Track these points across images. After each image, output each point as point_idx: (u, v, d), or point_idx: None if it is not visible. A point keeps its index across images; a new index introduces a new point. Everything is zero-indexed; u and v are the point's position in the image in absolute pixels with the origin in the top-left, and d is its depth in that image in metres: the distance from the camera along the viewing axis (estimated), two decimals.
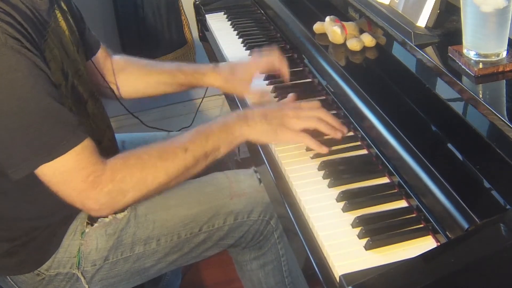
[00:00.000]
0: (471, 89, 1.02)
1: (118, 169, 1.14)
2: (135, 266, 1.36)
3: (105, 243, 1.30)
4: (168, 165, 1.17)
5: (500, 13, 1.00)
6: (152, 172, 1.16)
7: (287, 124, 1.21)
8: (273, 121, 1.22)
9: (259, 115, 1.23)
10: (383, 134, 1.09)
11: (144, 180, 1.16)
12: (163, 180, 1.18)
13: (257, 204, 1.40)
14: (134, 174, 1.15)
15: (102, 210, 1.18)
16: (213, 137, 1.20)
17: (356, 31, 1.41)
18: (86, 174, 1.11)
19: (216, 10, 1.99)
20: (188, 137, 1.20)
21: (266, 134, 1.22)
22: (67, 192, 1.14)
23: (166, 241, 1.35)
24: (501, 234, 0.84)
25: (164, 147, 1.19)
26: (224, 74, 1.49)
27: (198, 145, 1.19)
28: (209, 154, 1.21)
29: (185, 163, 1.18)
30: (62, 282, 1.32)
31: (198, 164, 1.20)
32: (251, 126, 1.22)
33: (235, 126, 1.22)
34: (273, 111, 1.24)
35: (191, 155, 1.18)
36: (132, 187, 1.15)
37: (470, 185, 0.92)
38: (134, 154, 1.17)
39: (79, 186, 1.12)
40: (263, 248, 1.48)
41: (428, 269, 0.84)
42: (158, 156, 1.17)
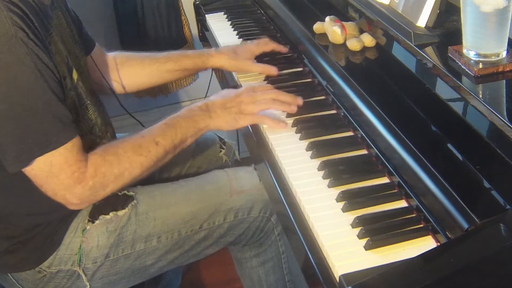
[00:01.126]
0: (471, 89, 1.02)
1: (99, 165, 1.18)
2: (136, 264, 1.36)
3: (106, 240, 1.31)
4: (142, 159, 1.23)
5: (500, 13, 1.00)
6: (128, 167, 1.22)
7: (244, 111, 1.31)
8: (232, 110, 1.31)
9: (219, 105, 1.32)
10: (383, 134, 1.09)
11: (121, 174, 1.21)
12: (137, 173, 1.24)
13: (257, 201, 1.41)
14: (113, 170, 1.20)
15: (83, 203, 1.21)
16: (181, 130, 1.28)
17: (356, 31, 1.41)
18: (72, 171, 1.15)
19: (216, 10, 1.99)
20: (158, 131, 1.27)
21: (227, 123, 1.32)
22: (52, 187, 1.16)
23: (167, 239, 1.36)
24: (501, 234, 0.84)
25: (137, 142, 1.24)
26: (228, 54, 1.56)
27: (168, 138, 1.26)
28: (177, 146, 1.28)
29: (157, 156, 1.25)
30: (63, 279, 1.32)
31: (167, 155, 1.28)
32: (213, 117, 1.31)
33: (200, 118, 1.30)
34: (230, 100, 1.33)
35: (162, 148, 1.25)
36: (111, 181, 1.20)
37: (470, 185, 0.92)
38: (111, 150, 1.22)
39: (65, 181, 1.15)
40: (263, 245, 1.48)
41: (428, 269, 0.84)
42: (133, 151, 1.22)
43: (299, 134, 1.27)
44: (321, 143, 1.22)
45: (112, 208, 1.32)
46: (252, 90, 1.34)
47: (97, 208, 1.32)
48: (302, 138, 1.26)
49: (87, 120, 1.31)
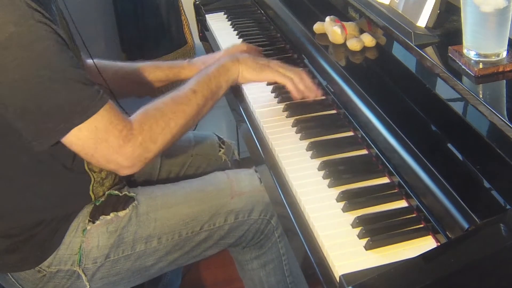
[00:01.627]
0: (471, 89, 1.02)
1: (143, 120, 1.19)
2: (136, 265, 1.36)
3: (106, 240, 1.31)
4: (184, 108, 1.25)
5: (500, 13, 1.00)
6: (173, 116, 1.23)
7: (272, 66, 1.39)
8: (259, 61, 1.39)
9: (248, 55, 1.41)
10: (383, 134, 1.09)
11: (167, 125, 1.21)
12: (183, 121, 1.24)
13: (257, 203, 1.41)
14: (158, 122, 1.20)
15: (136, 165, 1.19)
16: (214, 76, 1.32)
17: (356, 31, 1.41)
18: (118, 130, 1.14)
19: (216, 10, 1.99)
20: (194, 81, 1.30)
21: (254, 71, 1.37)
22: (103, 153, 1.15)
23: (167, 240, 1.36)
24: (501, 234, 0.84)
25: (176, 94, 1.27)
26: (198, 65, 1.56)
27: (204, 86, 1.30)
28: (215, 93, 1.32)
29: (197, 103, 1.27)
30: (63, 279, 1.32)
31: (207, 102, 1.30)
32: (242, 63, 1.37)
33: (229, 64, 1.36)
34: (261, 58, 1.42)
35: (200, 95, 1.28)
36: (159, 134, 1.20)
37: (470, 185, 0.92)
38: (151, 106, 1.23)
39: (115, 143, 1.14)
40: (263, 247, 1.49)
41: (428, 269, 0.84)
42: (173, 102, 1.25)
43: (299, 134, 1.27)
44: (321, 143, 1.22)
45: (112, 209, 1.33)
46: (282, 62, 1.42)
47: (97, 208, 1.32)
48: (302, 138, 1.26)
49: None
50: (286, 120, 1.33)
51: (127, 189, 1.37)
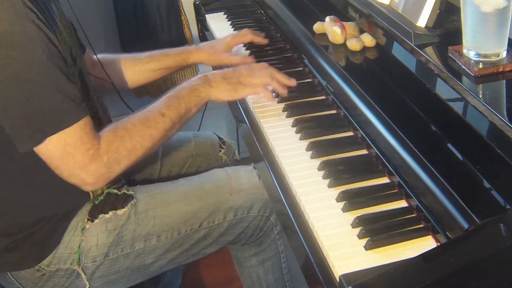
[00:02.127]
0: (471, 89, 1.02)
1: (111, 141, 1.20)
2: (136, 263, 1.36)
3: (105, 239, 1.31)
4: (152, 131, 1.25)
5: (500, 13, 1.00)
6: (140, 139, 1.24)
7: (243, 82, 1.37)
8: (231, 80, 1.37)
9: (218, 76, 1.37)
10: (383, 134, 1.09)
11: (134, 148, 1.23)
12: (149, 145, 1.25)
13: (256, 200, 1.41)
14: (125, 144, 1.21)
15: (99, 182, 1.21)
16: (184, 100, 1.31)
17: (356, 31, 1.41)
18: (86, 148, 1.16)
19: (216, 10, 1.99)
20: (163, 103, 1.30)
21: (227, 93, 1.36)
22: (68, 166, 1.16)
23: (167, 237, 1.36)
24: (501, 234, 0.84)
25: (145, 115, 1.27)
26: (207, 50, 1.61)
27: (173, 109, 1.29)
28: (183, 116, 1.31)
29: (164, 127, 1.27)
30: (62, 278, 1.32)
31: (175, 126, 1.30)
32: (213, 87, 1.35)
33: (201, 88, 1.34)
34: (230, 72, 1.39)
35: (169, 119, 1.28)
36: (124, 156, 1.21)
37: (470, 185, 0.92)
38: (120, 125, 1.24)
39: (80, 159, 1.16)
40: (262, 244, 1.49)
41: (428, 269, 0.84)
42: (142, 125, 1.25)
43: (299, 134, 1.27)
44: (321, 143, 1.22)
45: (111, 207, 1.33)
46: (250, 67, 1.42)
47: (96, 207, 1.32)
48: (302, 138, 1.26)
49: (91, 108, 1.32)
50: (286, 120, 1.33)
51: (126, 187, 1.38)
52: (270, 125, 1.33)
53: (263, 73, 1.39)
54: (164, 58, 1.61)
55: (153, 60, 1.60)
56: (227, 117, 2.46)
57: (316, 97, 1.40)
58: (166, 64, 1.61)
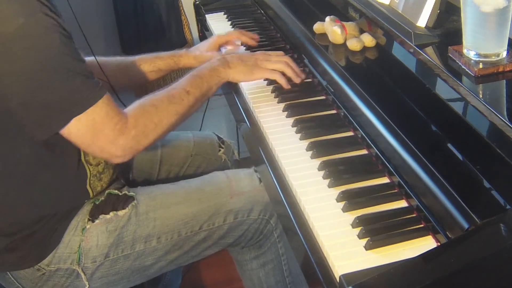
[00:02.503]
0: (471, 89, 1.02)
1: (139, 116, 1.25)
2: (136, 264, 1.36)
3: (105, 240, 1.31)
4: (177, 107, 1.31)
5: (500, 13, 1.00)
6: (166, 114, 1.29)
7: (260, 65, 1.45)
8: (248, 63, 1.45)
9: (237, 58, 1.46)
10: (383, 134, 1.09)
11: (160, 122, 1.27)
12: (174, 120, 1.30)
13: (257, 203, 1.41)
14: (152, 118, 1.26)
15: (127, 155, 1.25)
16: (206, 79, 1.39)
17: (356, 31, 1.41)
18: (114, 123, 1.20)
19: (216, 10, 1.99)
20: (187, 82, 1.37)
21: (244, 74, 1.44)
22: (99, 143, 1.20)
23: (167, 239, 1.36)
24: (501, 234, 0.84)
25: (171, 93, 1.33)
26: (194, 53, 1.67)
27: (197, 87, 1.36)
28: (205, 94, 1.38)
29: (188, 103, 1.33)
30: (62, 278, 1.32)
31: (197, 103, 1.37)
32: (232, 67, 1.43)
33: (220, 68, 1.42)
34: (247, 56, 1.48)
35: (192, 96, 1.34)
36: (152, 129, 1.26)
37: (470, 185, 0.92)
38: (148, 101, 1.29)
39: (110, 134, 1.19)
40: (262, 247, 1.49)
41: (428, 269, 0.84)
42: (168, 101, 1.30)
43: (299, 134, 1.27)
44: (321, 143, 1.22)
45: (112, 208, 1.33)
46: (267, 53, 1.50)
47: (97, 207, 1.33)
48: (302, 138, 1.26)
49: None
50: (286, 120, 1.33)
51: (126, 188, 1.38)
52: (270, 125, 1.33)
53: (279, 59, 1.46)
54: (156, 60, 1.65)
55: (145, 63, 1.64)
56: (227, 117, 2.46)
57: (316, 97, 1.40)
58: (158, 66, 1.65)
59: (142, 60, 1.64)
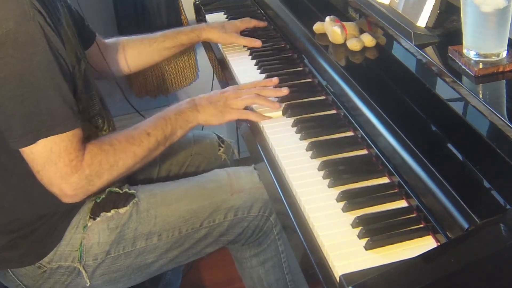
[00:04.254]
0: (471, 89, 1.02)
1: (95, 154, 1.20)
2: (137, 262, 1.37)
3: (107, 237, 1.32)
4: (135, 149, 1.26)
5: (500, 13, 1.00)
6: (123, 156, 1.24)
7: (230, 105, 1.37)
8: (218, 104, 1.37)
9: (205, 100, 1.38)
10: (383, 134, 1.09)
11: (116, 163, 1.23)
12: (131, 163, 1.26)
13: (256, 200, 1.41)
14: (108, 159, 1.22)
15: (77, 195, 1.21)
16: (170, 121, 1.32)
17: (356, 31, 1.41)
18: (70, 159, 1.16)
19: (216, 10, 1.99)
20: (150, 123, 1.31)
21: (214, 117, 1.37)
22: (49, 174, 1.17)
23: (168, 236, 1.36)
24: (501, 234, 0.84)
25: (131, 133, 1.28)
26: (218, 27, 1.69)
27: (159, 130, 1.30)
28: (168, 138, 1.32)
29: (149, 147, 1.28)
30: (63, 275, 1.33)
31: (159, 146, 1.31)
32: (200, 111, 1.36)
33: (188, 112, 1.35)
34: (216, 96, 1.39)
35: (154, 139, 1.29)
36: (106, 170, 1.22)
37: (470, 185, 0.92)
38: (106, 140, 1.25)
39: (62, 169, 1.16)
40: (262, 244, 1.49)
41: (428, 269, 0.84)
42: (126, 142, 1.26)
43: (299, 134, 1.27)
44: (321, 143, 1.22)
45: (113, 206, 1.33)
46: (238, 88, 1.42)
47: (98, 205, 1.33)
48: (302, 138, 1.26)
49: (92, 108, 1.33)
50: (286, 120, 1.33)
51: (127, 186, 1.38)
52: (270, 125, 1.33)
53: (249, 92, 1.38)
54: (178, 35, 1.67)
55: (168, 38, 1.66)
56: None
57: (316, 97, 1.40)
58: (181, 41, 1.67)
59: (165, 36, 1.66)
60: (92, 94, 1.34)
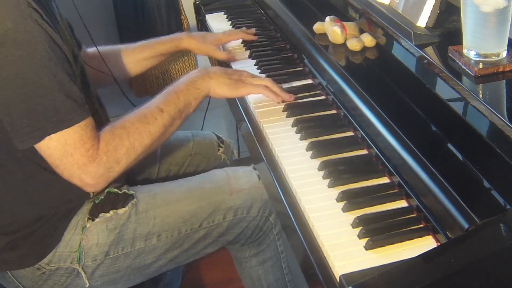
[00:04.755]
0: (471, 89, 1.02)
1: (109, 140, 1.20)
2: (136, 262, 1.36)
3: (106, 238, 1.31)
4: (150, 128, 1.24)
5: (500, 13, 1.00)
6: (138, 137, 1.23)
7: (245, 80, 1.37)
8: (232, 76, 1.36)
9: (220, 71, 1.37)
10: (383, 134, 1.09)
11: (132, 146, 1.22)
12: (148, 142, 1.24)
13: (256, 200, 1.41)
14: (124, 143, 1.21)
15: (99, 183, 1.21)
16: (182, 94, 1.30)
17: (356, 31, 1.41)
18: (86, 148, 1.16)
19: (216, 10, 1.99)
20: (161, 99, 1.29)
21: (227, 87, 1.35)
22: (68, 167, 1.17)
23: (167, 237, 1.36)
24: (501, 234, 0.84)
25: (142, 112, 1.26)
26: (198, 38, 1.65)
27: (171, 104, 1.28)
28: (183, 111, 1.30)
29: (163, 123, 1.26)
30: (62, 277, 1.33)
31: (175, 121, 1.29)
32: (213, 78, 1.34)
33: (199, 80, 1.33)
34: (231, 70, 1.40)
35: (167, 115, 1.27)
36: (123, 154, 1.21)
37: (470, 185, 0.92)
38: (118, 124, 1.24)
39: (80, 160, 1.16)
40: (262, 244, 1.49)
41: (428, 269, 0.84)
42: (139, 122, 1.24)
43: (299, 134, 1.27)
44: (321, 143, 1.22)
45: (112, 206, 1.33)
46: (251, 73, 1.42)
47: (97, 206, 1.33)
48: (302, 138, 1.26)
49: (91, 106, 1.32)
50: (286, 120, 1.33)
51: (126, 187, 1.38)
52: (270, 125, 1.33)
53: (264, 78, 1.40)
54: (157, 45, 1.65)
55: (147, 48, 1.65)
56: (227, 116, 2.46)
57: (316, 97, 1.40)
58: (159, 51, 1.65)
59: (144, 46, 1.65)
60: (89, 93, 1.34)
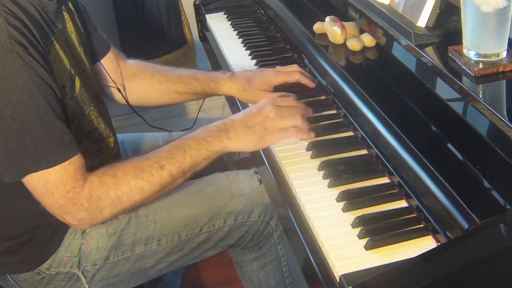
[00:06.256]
0: (471, 89, 1.02)
1: (95, 187, 1.13)
2: (136, 266, 1.36)
3: (105, 242, 1.31)
4: (143, 184, 1.15)
5: (500, 13, 1.00)
6: (127, 191, 1.14)
7: (271, 128, 1.19)
8: (256, 128, 1.19)
9: (240, 124, 1.20)
10: (383, 134, 1.09)
11: (119, 199, 1.14)
12: (138, 198, 1.16)
13: (257, 205, 1.40)
14: (109, 193, 1.13)
15: (82, 224, 1.16)
16: (191, 152, 1.17)
17: (356, 31, 1.41)
18: (66, 190, 1.11)
19: (216, 10, 1.99)
20: (166, 153, 1.17)
21: (252, 143, 1.20)
22: (49, 204, 1.14)
23: (167, 242, 1.35)
24: (501, 234, 0.84)
25: (139, 164, 1.16)
26: (241, 83, 1.43)
27: (175, 161, 1.16)
28: (187, 171, 1.18)
29: (160, 181, 1.16)
30: (62, 281, 1.32)
31: (176, 180, 1.18)
32: (231, 138, 1.19)
33: (215, 140, 1.19)
34: (253, 117, 1.20)
35: (167, 173, 1.16)
36: (107, 205, 1.14)
37: (470, 185, 0.92)
38: (110, 171, 1.15)
39: (60, 201, 1.12)
40: (262, 248, 1.48)
41: (428, 269, 0.84)
42: (133, 175, 1.14)
43: None
44: (321, 143, 1.22)
45: None
46: (275, 103, 1.21)
47: None
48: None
49: (88, 124, 1.30)
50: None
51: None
52: None
53: (291, 112, 1.20)
54: (193, 82, 1.47)
55: (181, 82, 1.48)
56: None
57: (316, 97, 1.40)
58: (194, 89, 1.48)
59: (179, 78, 1.48)
60: (88, 111, 1.30)
